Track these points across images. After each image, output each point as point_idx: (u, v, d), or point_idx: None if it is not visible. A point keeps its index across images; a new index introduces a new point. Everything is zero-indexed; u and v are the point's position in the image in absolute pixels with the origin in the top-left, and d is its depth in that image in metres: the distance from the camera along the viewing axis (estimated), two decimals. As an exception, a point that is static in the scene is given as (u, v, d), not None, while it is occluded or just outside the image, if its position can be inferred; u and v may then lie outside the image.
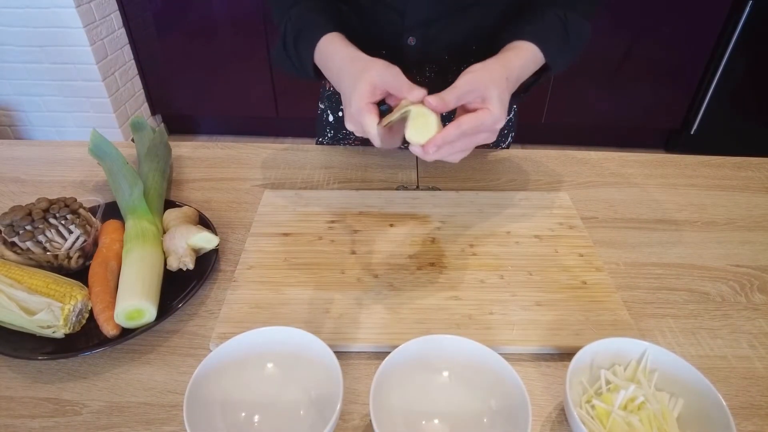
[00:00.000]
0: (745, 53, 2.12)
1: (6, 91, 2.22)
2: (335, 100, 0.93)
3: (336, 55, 0.62)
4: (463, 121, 0.52)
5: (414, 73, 0.79)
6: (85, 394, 0.51)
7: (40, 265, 0.61)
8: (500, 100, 0.54)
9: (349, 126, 0.56)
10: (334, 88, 0.86)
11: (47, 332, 0.53)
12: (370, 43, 0.76)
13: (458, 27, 0.74)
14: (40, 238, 0.61)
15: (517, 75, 0.60)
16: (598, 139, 2.51)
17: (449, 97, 0.53)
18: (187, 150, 0.91)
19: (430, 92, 0.77)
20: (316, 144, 0.99)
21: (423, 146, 0.51)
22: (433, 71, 0.79)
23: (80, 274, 0.61)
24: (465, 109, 0.56)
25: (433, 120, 0.52)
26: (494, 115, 0.53)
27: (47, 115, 2.29)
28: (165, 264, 0.62)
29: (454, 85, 0.54)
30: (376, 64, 0.56)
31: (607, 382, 0.49)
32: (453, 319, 0.58)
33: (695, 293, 0.63)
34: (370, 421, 0.43)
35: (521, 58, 0.61)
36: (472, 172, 0.85)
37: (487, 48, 0.73)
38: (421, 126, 0.52)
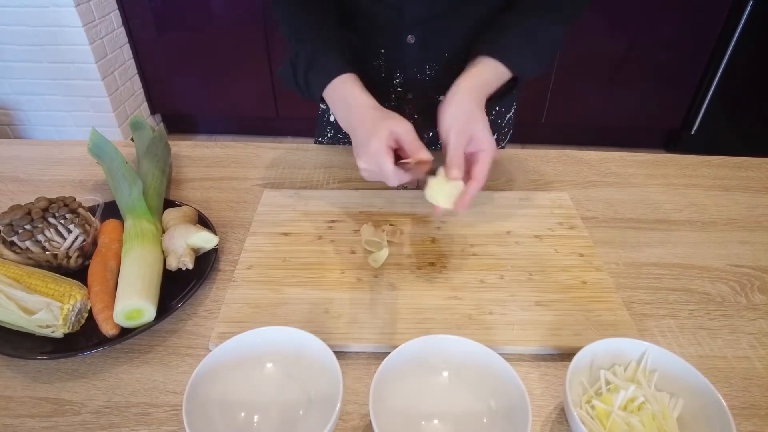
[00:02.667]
0: (746, 53, 2.12)
1: (5, 90, 2.22)
2: None
3: (352, 98, 0.65)
4: (479, 176, 0.60)
5: (414, 72, 0.79)
6: (84, 394, 0.51)
7: (39, 265, 0.61)
8: (485, 129, 0.61)
9: (362, 163, 0.61)
10: None
11: (46, 332, 0.53)
12: (371, 42, 0.77)
13: (457, 25, 0.74)
14: (39, 237, 0.61)
15: (486, 91, 0.65)
16: (599, 139, 2.51)
17: (458, 161, 0.59)
18: (187, 149, 0.91)
19: (432, 89, 0.80)
20: (316, 143, 0.99)
21: (455, 207, 0.59)
22: (434, 69, 0.79)
23: (79, 274, 0.60)
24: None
25: (455, 185, 0.59)
26: (491, 148, 0.60)
27: (46, 114, 2.28)
28: (164, 264, 0.62)
29: (449, 144, 0.60)
30: (396, 117, 0.62)
31: (607, 383, 0.49)
32: (453, 319, 0.58)
33: (695, 293, 0.63)
34: (370, 421, 0.43)
35: (485, 76, 0.65)
36: (472, 172, 0.85)
37: None
38: (445, 191, 0.60)
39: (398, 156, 0.61)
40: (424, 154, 0.59)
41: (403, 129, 0.60)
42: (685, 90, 2.31)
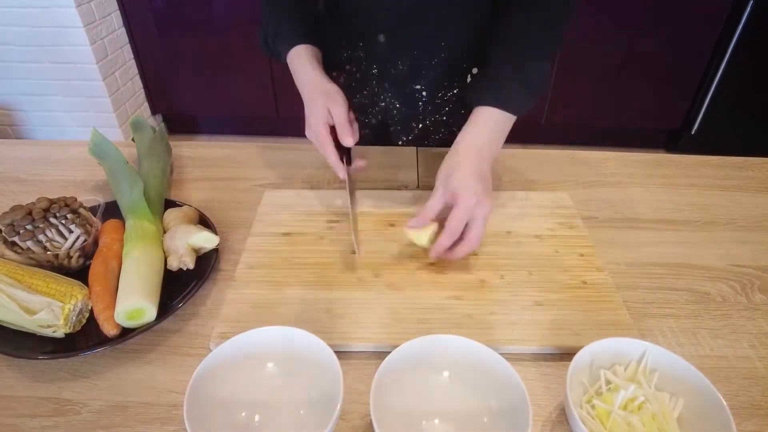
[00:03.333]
0: (746, 53, 2.12)
1: (6, 91, 2.22)
2: None
3: (299, 70, 0.72)
4: (449, 227, 0.60)
5: (388, 67, 0.83)
6: (85, 394, 0.51)
7: (40, 265, 0.61)
8: (467, 188, 0.60)
9: (309, 135, 0.68)
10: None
11: (47, 332, 0.53)
12: (347, 38, 0.83)
13: (424, 26, 0.78)
14: (41, 237, 0.61)
15: (489, 149, 0.65)
16: (599, 139, 2.51)
17: (426, 213, 0.62)
18: (188, 150, 0.91)
19: (401, 86, 0.87)
20: None
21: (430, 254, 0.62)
22: (406, 64, 0.82)
23: (80, 274, 0.61)
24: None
25: (430, 226, 0.62)
26: (467, 203, 0.60)
27: (47, 114, 2.29)
28: (165, 264, 0.62)
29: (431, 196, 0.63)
30: (332, 95, 0.67)
31: (608, 382, 0.49)
32: (453, 319, 0.58)
33: (696, 293, 0.63)
34: (371, 420, 0.43)
35: (487, 130, 0.66)
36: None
37: (458, 44, 0.80)
38: (420, 232, 0.63)
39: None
40: (348, 140, 0.65)
41: (336, 112, 0.66)
42: (686, 90, 2.31)
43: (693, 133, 2.39)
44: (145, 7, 2.20)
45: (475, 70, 0.84)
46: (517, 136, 1.00)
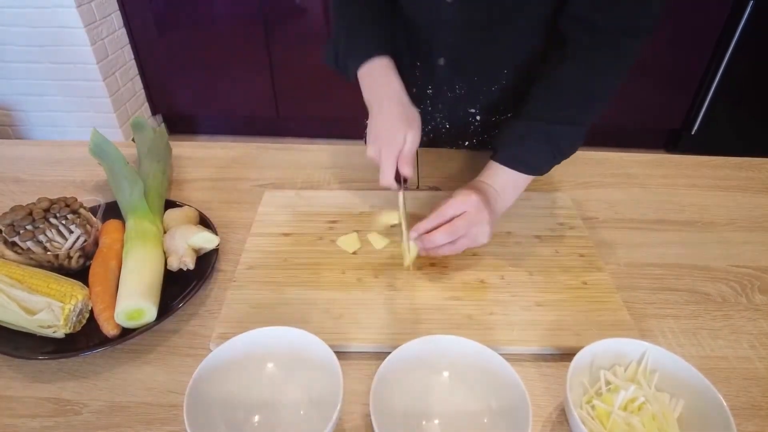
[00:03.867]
0: (746, 53, 2.12)
1: (6, 91, 2.22)
2: None
3: (380, 83, 0.68)
4: (452, 227, 0.58)
5: (444, 90, 0.81)
6: (85, 394, 0.51)
7: (40, 265, 0.61)
8: (469, 197, 0.59)
9: (371, 152, 0.65)
10: None
11: (48, 332, 0.53)
12: (408, 57, 0.80)
13: (486, 53, 0.75)
14: (41, 237, 0.61)
15: (502, 201, 0.63)
16: (599, 139, 2.49)
17: (425, 224, 0.60)
18: (188, 150, 0.91)
19: (461, 104, 0.84)
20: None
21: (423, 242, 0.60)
22: (463, 89, 0.80)
23: (81, 274, 0.61)
24: None
25: (413, 247, 0.62)
26: (460, 199, 0.59)
27: (48, 114, 2.29)
28: (165, 264, 0.62)
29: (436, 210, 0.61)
30: (414, 125, 0.64)
31: (608, 383, 0.49)
32: (453, 320, 0.58)
33: (696, 294, 0.63)
34: (371, 421, 0.43)
35: (500, 189, 0.64)
36: (473, 173, 0.85)
37: (520, 71, 0.76)
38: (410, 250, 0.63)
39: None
40: (409, 170, 0.64)
41: (413, 140, 0.63)
42: (686, 90, 2.31)
43: (693, 133, 2.38)
44: (146, 7, 2.20)
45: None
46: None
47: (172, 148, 0.86)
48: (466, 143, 0.89)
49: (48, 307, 0.53)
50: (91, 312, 0.57)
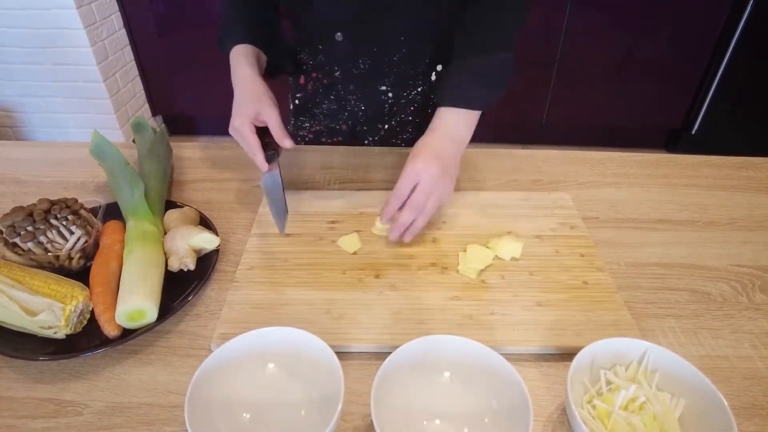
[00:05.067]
0: (747, 53, 2.12)
1: (7, 93, 2.22)
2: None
3: (234, 69, 0.72)
4: (410, 203, 0.63)
5: (349, 67, 0.83)
6: (86, 395, 0.51)
7: (41, 266, 0.61)
8: (414, 167, 0.63)
9: (232, 133, 0.68)
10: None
11: (48, 333, 0.54)
12: (308, 42, 0.83)
13: (381, 22, 0.78)
14: (42, 238, 0.61)
15: (452, 145, 0.67)
16: (599, 139, 2.51)
17: (391, 201, 0.64)
18: (188, 151, 0.91)
19: (365, 86, 0.86)
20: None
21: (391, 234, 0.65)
22: (367, 63, 0.82)
23: (81, 275, 0.61)
24: None
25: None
26: (408, 173, 0.62)
27: (48, 116, 2.29)
28: (166, 265, 0.62)
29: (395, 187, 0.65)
30: (265, 101, 0.67)
31: (608, 383, 0.49)
32: (454, 320, 0.58)
33: (697, 293, 0.63)
34: (371, 421, 0.43)
35: (449, 132, 0.68)
36: (473, 172, 0.85)
37: (418, 38, 0.80)
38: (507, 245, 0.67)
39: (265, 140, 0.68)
40: (288, 143, 0.67)
41: (269, 115, 0.66)
42: (686, 90, 2.31)
43: (693, 133, 2.39)
44: (146, 8, 2.20)
45: (439, 68, 0.84)
46: (517, 136, 1.00)
47: (172, 148, 0.86)
48: (386, 126, 0.91)
49: (49, 308, 0.53)
50: (92, 313, 0.57)
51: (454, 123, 0.67)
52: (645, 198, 0.80)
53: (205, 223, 0.70)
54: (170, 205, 0.72)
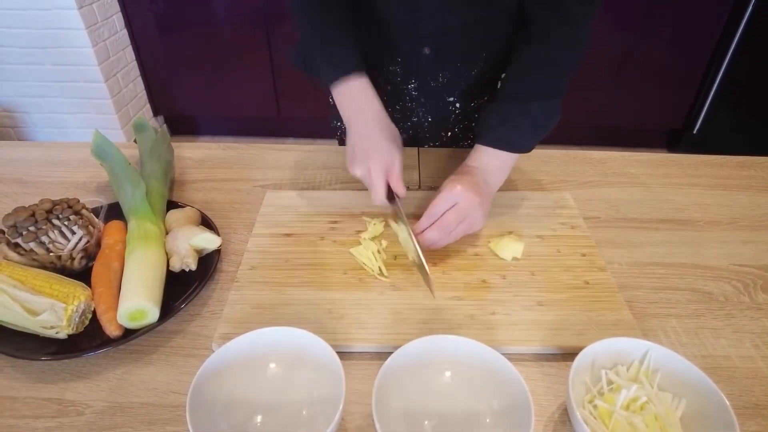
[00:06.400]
0: (748, 52, 2.12)
1: (8, 93, 2.22)
2: None
3: (359, 104, 0.69)
4: (442, 222, 0.61)
5: (428, 79, 0.82)
6: (88, 395, 0.51)
7: (43, 266, 0.61)
8: (453, 190, 0.62)
9: (358, 173, 0.66)
10: None
11: (50, 333, 0.54)
12: (389, 51, 0.80)
13: (468, 38, 0.76)
14: (43, 239, 0.61)
15: (489, 183, 0.66)
16: (601, 139, 2.50)
17: (426, 218, 0.63)
18: (190, 151, 0.91)
19: (442, 94, 0.86)
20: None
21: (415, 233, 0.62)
22: (446, 77, 0.81)
23: (83, 275, 0.61)
24: None
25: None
26: (446, 195, 0.61)
27: (50, 116, 2.29)
28: (167, 265, 0.62)
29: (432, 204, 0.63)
30: (394, 147, 0.66)
31: (610, 382, 0.49)
32: (455, 320, 0.58)
33: (698, 293, 0.63)
34: (373, 421, 0.43)
35: (489, 170, 0.67)
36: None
37: (496, 54, 0.78)
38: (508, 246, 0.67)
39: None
40: (401, 190, 0.65)
41: (399, 160, 0.66)
42: (687, 89, 2.30)
43: (695, 132, 2.38)
44: (147, 8, 2.21)
45: (504, 75, 0.81)
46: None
47: (173, 149, 0.86)
48: (449, 134, 0.90)
49: (51, 308, 0.53)
50: (94, 313, 0.57)
51: (490, 164, 0.66)
52: (646, 198, 0.80)
53: (206, 223, 0.70)
54: (171, 205, 0.72)
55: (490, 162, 0.67)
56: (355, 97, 0.69)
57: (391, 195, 0.66)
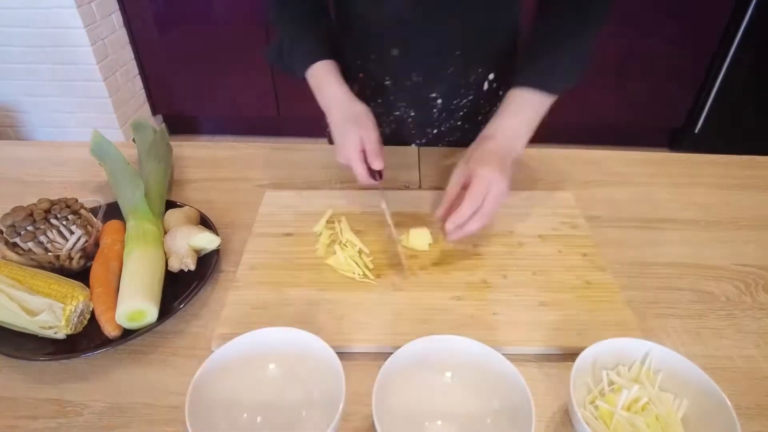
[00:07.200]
0: (749, 51, 2.11)
1: (7, 92, 2.22)
2: None
3: (324, 88, 0.72)
4: (469, 197, 0.58)
5: (402, 79, 0.83)
6: (86, 395, 0.51)
7: (41, 266, 0.61)
8: (482, 176, 0.59)
9: (339, 159, 0.68)
10: None
11: (49, 333, 0.53)
12: (360, 53, 0.82)
13: (437, 38, 0.77)
14: (42, 238, 0.61)
15: (516, 136, 0.65)
16: (602, 138, 2.50)
17: (446, 199, 0.62)
18: (189, 150, 0.91)
19: (416, 95, 0.86)
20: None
21: (444, 226, 0.60)
22: (420, 76, 0.82)
23: (81, 275, 0.60)
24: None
25: (424, 232, 0.67)
26: (483, 179, 0.59)
27: (48, 115, 2.29)
28: (166, 265, 0.62)
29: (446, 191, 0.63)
30: (365, 124, 0.67)
31: (611, 383, 0.48)
32: (456, 320, 0.58)
33: (700, 293, 0.63)
34: (373, 422, 0.43)
35: (519, 118, 0.66)
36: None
37: (471, 50, 0.79)
38: (418, 237, 0.67)
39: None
40: (378, 163, 0.67)
41: (368, 137, 0.67)
42: (689, 88, 2.30)
43: (696, 131, 2.38)
44: (146, 7, 2.20)
45: (491, 76, 0.83)
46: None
47: (172, 148, 0.86)
48: (434, 131, 0.90)
49: (49, 308, 0.53)
50: (92, 313, 0.57)
51: (529, 108, 0.65)
52: (648, 197, 0.80)
53: (205, 222, 0.70)
54: (170, 204, 0.72)
55: (519, 112, 0.65)
56: (319, 85, 0.73)
57: (374, 175, 0.68)
